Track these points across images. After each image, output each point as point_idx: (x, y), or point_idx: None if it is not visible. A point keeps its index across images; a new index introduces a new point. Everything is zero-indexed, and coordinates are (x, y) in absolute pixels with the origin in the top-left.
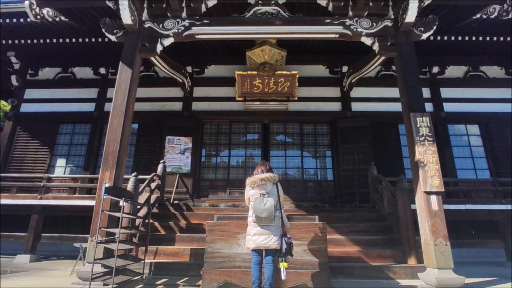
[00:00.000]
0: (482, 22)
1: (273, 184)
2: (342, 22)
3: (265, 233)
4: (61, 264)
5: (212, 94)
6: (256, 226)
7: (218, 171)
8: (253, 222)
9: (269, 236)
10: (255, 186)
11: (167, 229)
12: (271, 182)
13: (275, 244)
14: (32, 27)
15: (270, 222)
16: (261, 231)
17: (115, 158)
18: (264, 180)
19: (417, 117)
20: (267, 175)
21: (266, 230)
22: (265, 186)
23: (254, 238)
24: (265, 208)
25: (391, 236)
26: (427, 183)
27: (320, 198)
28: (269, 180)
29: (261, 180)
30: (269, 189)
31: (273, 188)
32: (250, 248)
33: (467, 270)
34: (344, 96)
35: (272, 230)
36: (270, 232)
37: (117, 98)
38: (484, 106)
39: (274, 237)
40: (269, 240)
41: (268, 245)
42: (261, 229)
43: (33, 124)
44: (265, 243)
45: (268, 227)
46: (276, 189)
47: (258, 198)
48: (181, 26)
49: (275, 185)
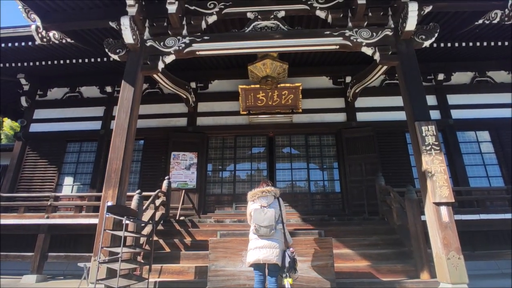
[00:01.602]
0: (485, 27)
1: (275, 198)
2: (342, 33)
3: (265, 246)
4: (67, 283)
5: (217, 109)
6: (257, 239)
7: (224, 185)
8: (253, 234)
9: (270, 249)
10: (255, 198)
11: (172, 246)
12: (272, 195)
13: (275, 258)
14: (39, 49)
15: (270, 233)
16: (262, 243)
17: (117, 176)
18: (265, 192)
19: (422, 126)
20: (268, 188)
21: (267, 242)
22: (266, 199)
23: (255, 252)
24: (266, 217)
25: (402, 249)
26: (436, 194)
27: (327, 210)
28: (269, 192)
29: (261, 192)
30: (270, 202)
31: (274, 202)
32: (250, 263)
33: (484, 283)
34: (348, 106)
35: (273, 243)
36: (271, 245)
37: (119, 116)
38: (494, 111)
39: (275, 251)
40: (270, 254)
41: (269, 259)
42: (262, 241)
43: (41, 144)
44: (265, 257)
45: (269, 239)
46: (278, 203)
47: (258, 209)
48: (182, 43)
49: (277, 199)
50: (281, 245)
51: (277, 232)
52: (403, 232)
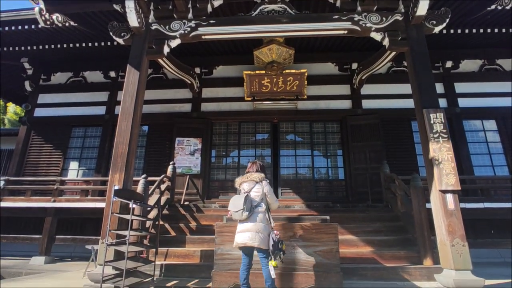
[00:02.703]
0: (497, 13)
1: (256, 183)
2: (351, 18)
3: (247, 229)
4: (74, 265)
5: (221, 95)
6: (240, 223)
7: (228, 171)
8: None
9: (250, 233)
10: (238, 188)
11: (177, 230)
12: (251, 179)
13: (257, 242)
14: (43, 33)
15: (242, 216)
16: (242, 227)
17: (124, 161)
18: (244, 179)
19: (431, 114)
20: (246, 176)
21: (247, 226)
22: (247, 184)
23: (238, 236)
24: (236, 203)
25: (405, 236)
26: (442, 181)
27: (331, 197)
28: (248, 178)
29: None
30: (251, 187)
31: (256, 186)
32: (235, 246)
33: (487, 271)
34: (354, 93)
35: (254, 227)
36: (251, 229)
37: (125, 100)
38: (501, 100)
39: (256, 234)
40: (249, 238)
41: (251, 244)
42: (242, 225)
43: (46, 128)
44: (248, 240)
45: (250, 223)
46: (261, 186)
47: (234, 197)
48: (187, 27)
49: (260, 183)
50: (263, 228)
51: (255, 215)
52: (407, 219)
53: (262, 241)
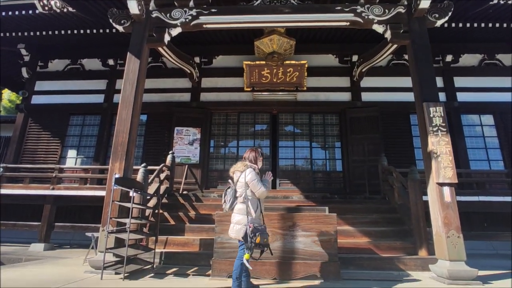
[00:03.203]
0: (499, 7)
1: (241, 173)
2: (353, 9)
3: (232, 221)
4: (74, 252)
5: (220, 85)
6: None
7: (227, 161)
8: None
9: (232, 224)
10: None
11: (177, 219)
12: (237, 170)
13: (233, 233)
14: (40, 19)
15: (228, 208)
16: (231, 219)
17: (124, 149)
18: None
19: (431, 107)
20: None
21: (233, 218)
22: (235, 175)
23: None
24: (226, 199)
25: (401, 227)
26: (440, 174)
27: (329, 189)
28: (234, 168)
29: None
30: (238, 178)
31: (241, 176)
32: None
33: (480, 263)
34: (354, 86)
35: (235, 218)
36: (233, 220)
37: (125, 89)
38: (499, 95)
39: (234, 226)
40: (230, 229)
41: (230, 235)
42: (231, 216)
43: (44, 116)
44: (229, 231)
45: (232, 214)
46: (244, 176)
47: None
48: (188, 15)
49: (243, 172)
50: (238, 219)
51: (237, 205)
52: (404, 211)
53: (237, 232)
